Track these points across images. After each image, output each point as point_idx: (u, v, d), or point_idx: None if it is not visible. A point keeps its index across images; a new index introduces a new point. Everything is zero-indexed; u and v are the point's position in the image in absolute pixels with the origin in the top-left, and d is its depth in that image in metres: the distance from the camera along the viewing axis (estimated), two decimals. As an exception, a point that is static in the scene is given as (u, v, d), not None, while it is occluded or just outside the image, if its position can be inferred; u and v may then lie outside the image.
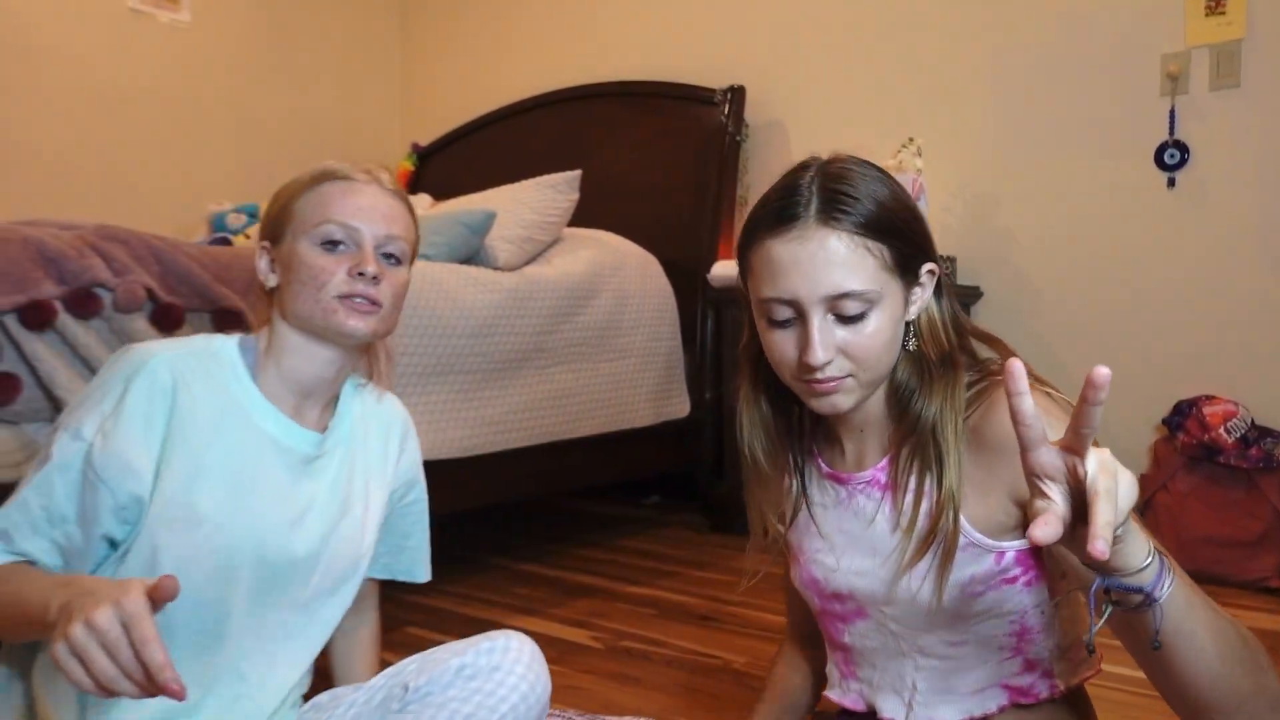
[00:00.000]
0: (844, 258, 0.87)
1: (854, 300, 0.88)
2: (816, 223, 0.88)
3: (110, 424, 0.95)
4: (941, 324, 0.95)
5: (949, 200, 2.79)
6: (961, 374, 0.93)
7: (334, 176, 1.04)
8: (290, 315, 1.03)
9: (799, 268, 0.88)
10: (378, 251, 1.03)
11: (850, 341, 0.89)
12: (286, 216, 1.04)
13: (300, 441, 1.05)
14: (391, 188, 1.07)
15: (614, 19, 3.52)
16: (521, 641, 1.09)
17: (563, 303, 2.41)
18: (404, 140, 4.06)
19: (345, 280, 1.00)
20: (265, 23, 3.64)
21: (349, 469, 1.10)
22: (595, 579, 2.33)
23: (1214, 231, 2.42)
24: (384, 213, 1.04)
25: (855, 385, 0.92)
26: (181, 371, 0.99)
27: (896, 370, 0.95)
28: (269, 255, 1.06)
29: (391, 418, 1.18)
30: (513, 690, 1.04)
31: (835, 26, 3.01)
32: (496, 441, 2.20)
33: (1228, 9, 2.39)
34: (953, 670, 0.96)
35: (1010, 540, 0.91)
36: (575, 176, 2.73)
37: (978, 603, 0.92)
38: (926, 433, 0.92)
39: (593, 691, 1.62)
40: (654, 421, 2.67)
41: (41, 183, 3.02)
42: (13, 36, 2.97)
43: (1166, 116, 2.47)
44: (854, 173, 0.91)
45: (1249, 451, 2.22)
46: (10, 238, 1.48)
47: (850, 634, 1.03)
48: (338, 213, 1.02)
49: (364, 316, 1.02)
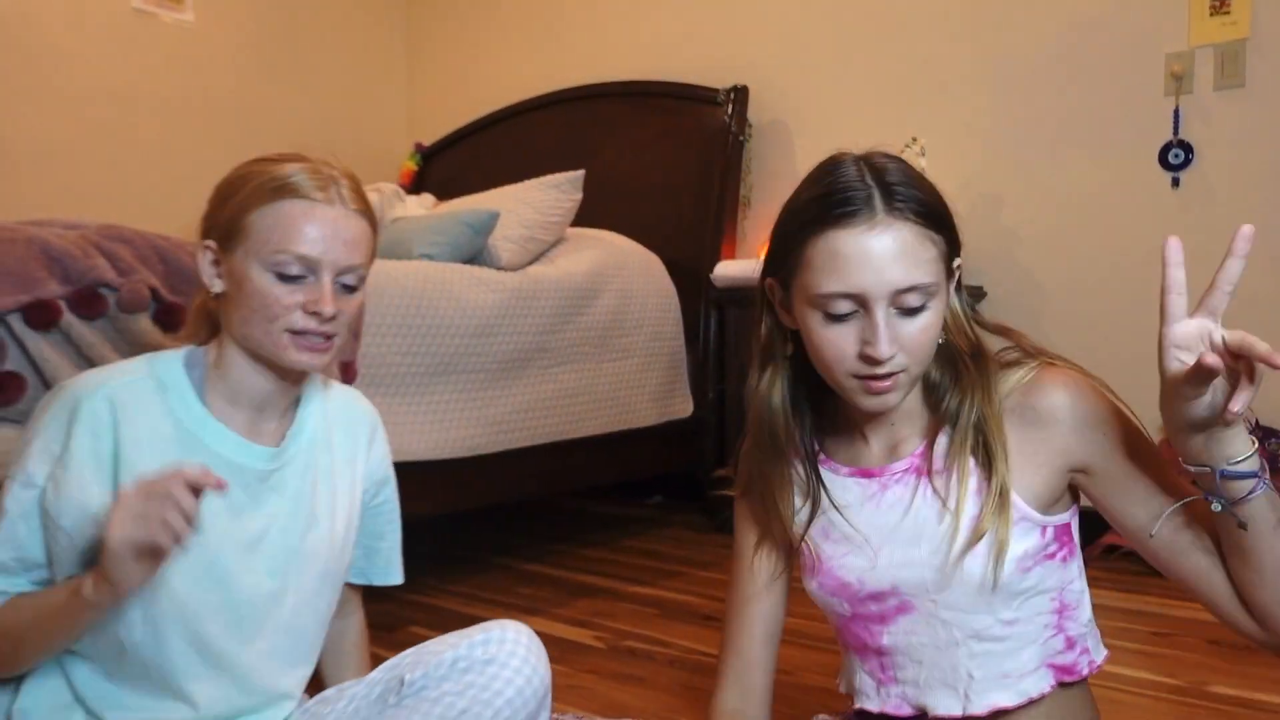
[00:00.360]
0: (914, 249, 0.87)
1: (918, 293, 0.88)
2: (885, 214, 0.87)
3: (60, 469, 0.93)
4: (965, 317, 0.97)
5: (952, 200, 2.74)
6: (991, 363, 0.95)
7: (293, 194, 0.95)
8: (237, 335, 0.99)
9: (869, 260, 0.86)
10: (336, 282, 0.97)
11: (909, 337, 0.89)
12: (239, 229, 0.97)
13: (254, 459, 1.01)
14: (355, 206, 0.99)
15: (617, 19, 3.52)
16: (518, 631, 1.06)
17: (566, 302, 2.41)
18: (408, 140, 4.06)
19: (301, 317, 0.95)
20: (269, 22, 3.65)
21: (313, 478, 1.07)
22: (598, 579, 2.33)
23: (1218, 232, 2.40)
24: (346, 240, 0.97)
25: (907, 380, 0.92)
26: (122, 402, 0.96)
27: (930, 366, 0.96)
28: (214, 257, 0.99)
29: (357, 416, 1.15)
30: (508, 684, 1.02)
31: (839, 26, 3.01)
32: (499, 441, 2.20)
33: (1232, 9, 2.38)
34: (1007, 652, 0.96)
35: (1055, 515, 0.95)
36: (578, 176, 2.73)
37: (1027, 578, 0.94)
38: (967, 423, 0.94)
39: (595, 691, 1.62)
40: (657, 421, 2.67)
41: (46, 182, 3.02)
42: (17, 36, 2.98)
43: (1171, 116, 2.46)
44: (899, 166, 0.92)
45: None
46: (15, 237, 1.48)
47: (890, 634, 1.00)
48: (296, 243, 0.94)
49: (317, 354, 0.98)
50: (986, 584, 0.93)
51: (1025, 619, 0.96)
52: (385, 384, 1.96)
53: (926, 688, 0.99)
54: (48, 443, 0.95)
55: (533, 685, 1.04)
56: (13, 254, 1.46)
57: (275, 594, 1.02)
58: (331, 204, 0.97)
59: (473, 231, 2.37)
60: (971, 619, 0.96)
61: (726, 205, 2.98)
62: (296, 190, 0.96)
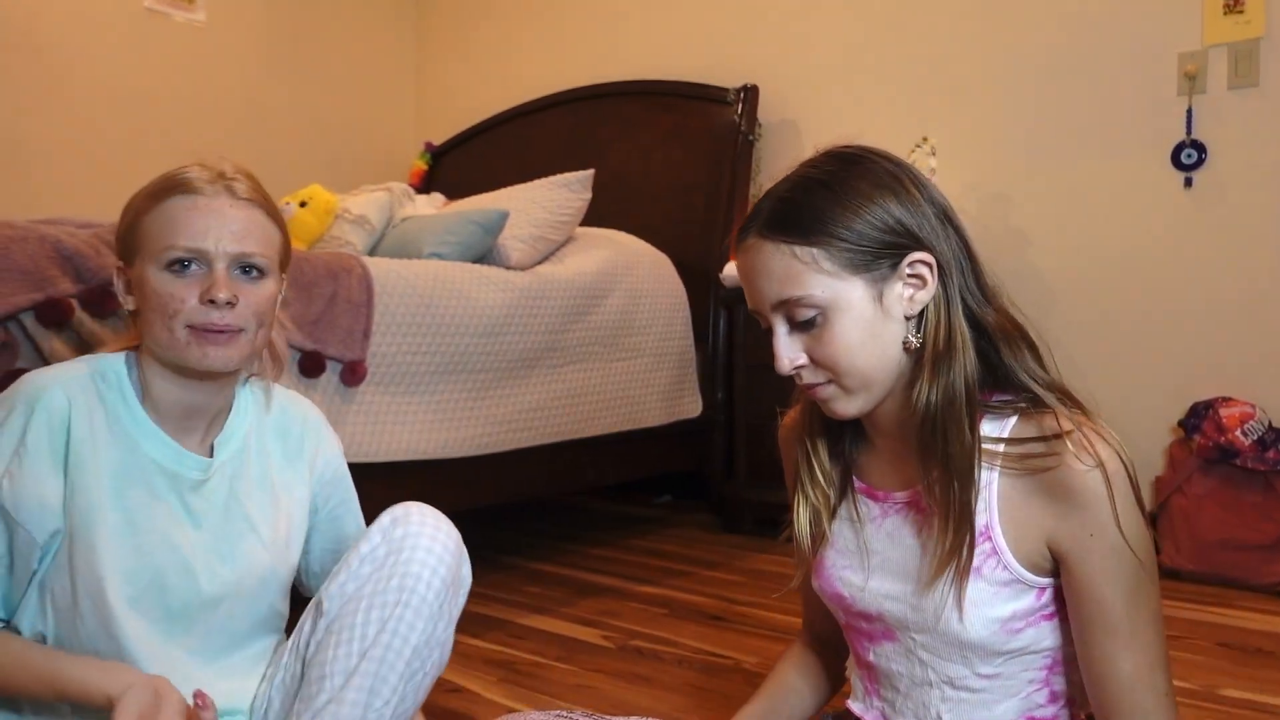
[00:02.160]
0: (776, 269, 0.88)
1: (798, 307, 0.87)
2: (756, 234, 0.90)
3: (16, 464, 0.94)
4: (952, 316, 0.89)
5: (963, 200, 2.78)
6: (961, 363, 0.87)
7: (178, 189, 0.96)
8: (149, 345, 0.99)
9: (746, 279, 0.92)
10: (232, 268, 0.96)
11: (815, 349, 0.89)
12: (134, 238, 0.97)
13: (187, 467, 1.02)
14: (245, 195, 0.98)
15: (627, 18, 3.52)
16: (417, 508, 1.06)
17: (575, 302, 2.41)
18: (418, 139, 4.07)
19: (197, 309, 0.94)
20: (280, 22, 3.66)
21: (245, 485, 1.07)
22: (606, 578, 2.33)
23: (1231, 232, 2.40)
24: (235, 230, 0.96)
25: (841, 391, 0.90)
26: (75, 396, 0.97)
27: (916, 371, 0.90)
28: (125, 277, 1.00)
29: (290, 421, 1.14)
30: (414, 549, 1.02)
31: (849, 26, 3.00)
32: (508, 440, 2.20)
33: (1246, 8, 2.37)
34: (981, 703, 0.94)
35: (1049, 578, 0.90)
36: (588, 176, 2.73)
37: (1017, 639, 0.90)
38: (937, 434, 0.87)
39: (603, 691, 1.62)
40: (666, 421, 2.67)
41: (58, 181, 3.04)
42: (28, 36, 3.00)
43: (1183, 116, 2.45)
44: (806, 176, 0.91)
45: (1266, 454, 2.20)
46: (27, 236, 1.49)
47: (875, 654, 1.00)
48: (183, 236, 0.94)
49: (222, 347, 0.96)
50: (966, 638, 0.90)
51: (1009, 674, 0.92)
52: (394, 383, 1.97)
53: (900, 714, 0.99)
54: (1, 441, 0.95)
55: (440, 542, 1.03)
56: (25, 252, 1.46)
57: (210, 599, 1.04)
58: (218, 195, 0.97)
59: (482, 231, 2.38)
60: (947, 666, 0.94)
61: (736, 205, 2.98)
62: (181, 186, 0.96)
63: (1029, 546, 0.88)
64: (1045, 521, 0.87)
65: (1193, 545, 2.24)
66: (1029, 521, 0.88)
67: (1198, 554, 2.23)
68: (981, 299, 0.91)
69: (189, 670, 1.03)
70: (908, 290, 0.89)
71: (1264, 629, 1.92)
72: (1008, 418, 0.90)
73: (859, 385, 0.90)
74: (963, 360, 0.88)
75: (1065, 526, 0.86)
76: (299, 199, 2.53)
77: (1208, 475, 2.27)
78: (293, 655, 1.08)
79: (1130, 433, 2.84)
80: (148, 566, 1.00)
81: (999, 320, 0.92)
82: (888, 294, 0.88)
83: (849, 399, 0.91)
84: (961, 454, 0.87)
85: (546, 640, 1.88)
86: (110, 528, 0.98)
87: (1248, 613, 2.02)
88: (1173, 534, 2.28)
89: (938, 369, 0.88)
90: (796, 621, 1.22)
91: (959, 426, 0.87)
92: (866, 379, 0.89)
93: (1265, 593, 2.16)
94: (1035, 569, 0.89)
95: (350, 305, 1.88)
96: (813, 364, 0.90)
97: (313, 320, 1.80)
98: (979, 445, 0.88)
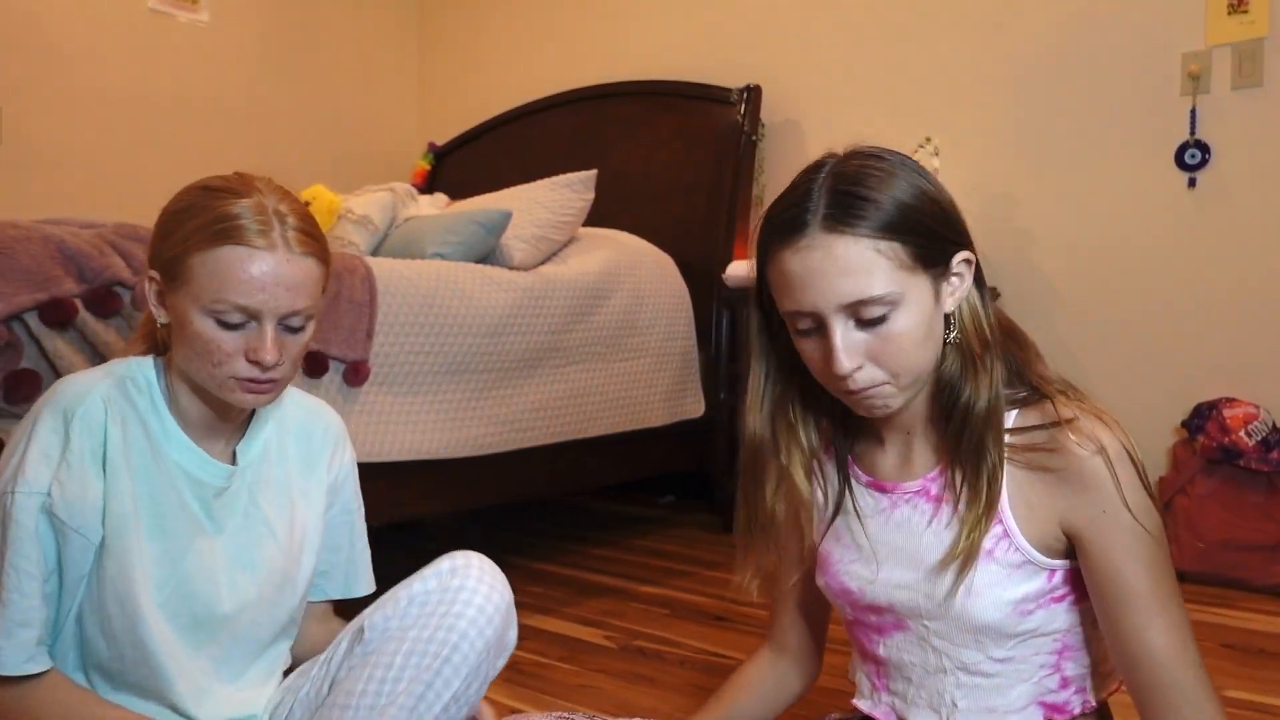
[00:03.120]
0: (855, 264, 0.85)
1: (873, 305, 0.85)
2: (823, 230, 0.86)
3: (63, 470, 0.94)
4: (985, 314, 0.92)
5: (966, 200, 2.74)
6: (998, 365, 0.91)
7: (233, 239, 0.92)
8: (181, 368, 1.00)
9: (811, 278, 0.86)
10: (280, 326, 0.96)
11: (877, 347, 0.87)
12: (180, 270, 0.94)
13: (211, 474, 1.03)
14: (299, 249, 0.95)
15: (630, 19, 3.52)
16: (468, 557, 1.07)
17: (578, 302, 2.41)
18: (421, 139, 4.07)
19: (244, 365, 0.95)
20: (283, 23, 3.66)
21: (264, 490, 1.08)
22: (609, 578, 2.33)
23: (1235, 232, 2.40)
24: (288, 286, 0.94)
25: (894, 390, 0.89)
26: (111, 403, 0.98)
27: (943, 365, 0.92)
28: (159, 289, 0.98)
29: (317, 427, 1.14)
30: (467, 605, 1.03)
31: (852, 26, 3.00)
32: (511, 440, 2.21)
33: (1250, 7, 2.36)
34: (995, 688, 0.95)
35: (1065, 559, 0.92)
36: (590, 176, 2.73)
37: (1027, 620, 0.92)
38: (975, 434, 0.89)
39: (605, 691, 1.62)
40: (669, 421, 2.67)
41: (61, 182, 3.04)
42: (32, 36, 3.00)
43: (1187, 116, 2.44)
44: (867, 169, 0.88)
45: (1269, 455, 2.20)
46: (31, 236, 1.49)
47: (885, 647, 1.01)
48: (235, 292, 0.92)
49: (261, 395, 0.98)
50: (981, 622, 0.91)
51: (1021, 658, 0.94)
52: (397, 383, 1.97)
53: (912, 705, 1.00)
54: (45, 448, 0.95)
55: (494, 603, 1.04)
56: (29, 253, 1.47)
57: (233, 608, 1.05)
58: (274, 249, 0.94)
59: (485, 231, 2.38)
60: (961, 652, 0.95)
61: (739, 205, 2.98)
62: (237, 236, 0.93)
63: (1040, 529, 0.90)
64: (1056, 504, 0.89)
65: (1195, 546, 2.24)
66: (1039, 504, 0.90)
67: (1201, 555, 2.23)
68: (988, 299, 0.94)
69: (211, 682, 1.04)
70: (951, 285, 0.91)
71: (1267, 630, 1.91)
72: (1011, 410, 0.93)
73: (912, 381, 0.90)
74: (995, 358, 0.91)
75: (1076, 508, 0.88)
76: (302, 199, 2.52)
77: (1211, 476, 2.26)
78: (322, 671, 1.08)
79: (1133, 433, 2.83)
80: (175, 573, 1.00)
81: (1003, 319, 0.95)
82: (943, 290, 0.90)
83: (899, 396, 0.91)
84: (997, 452, 0.89)
85: (549, 640, 1.88)
86: (142, 533, 0.98)
87: (1251, 614, 2.02)
88: (1176, 535, 2.28)
89: (980, 367, 0.90)
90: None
91: (998, 425, 0.90)
92: (919, 375, 0.90)
93: (1268, 593, 2.15)
94: (1047, 550, 0.91)
95: (353, 305, 1.88)
96: (871, 364, 0.88)
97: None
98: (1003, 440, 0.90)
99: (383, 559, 1.28)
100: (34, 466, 0.94)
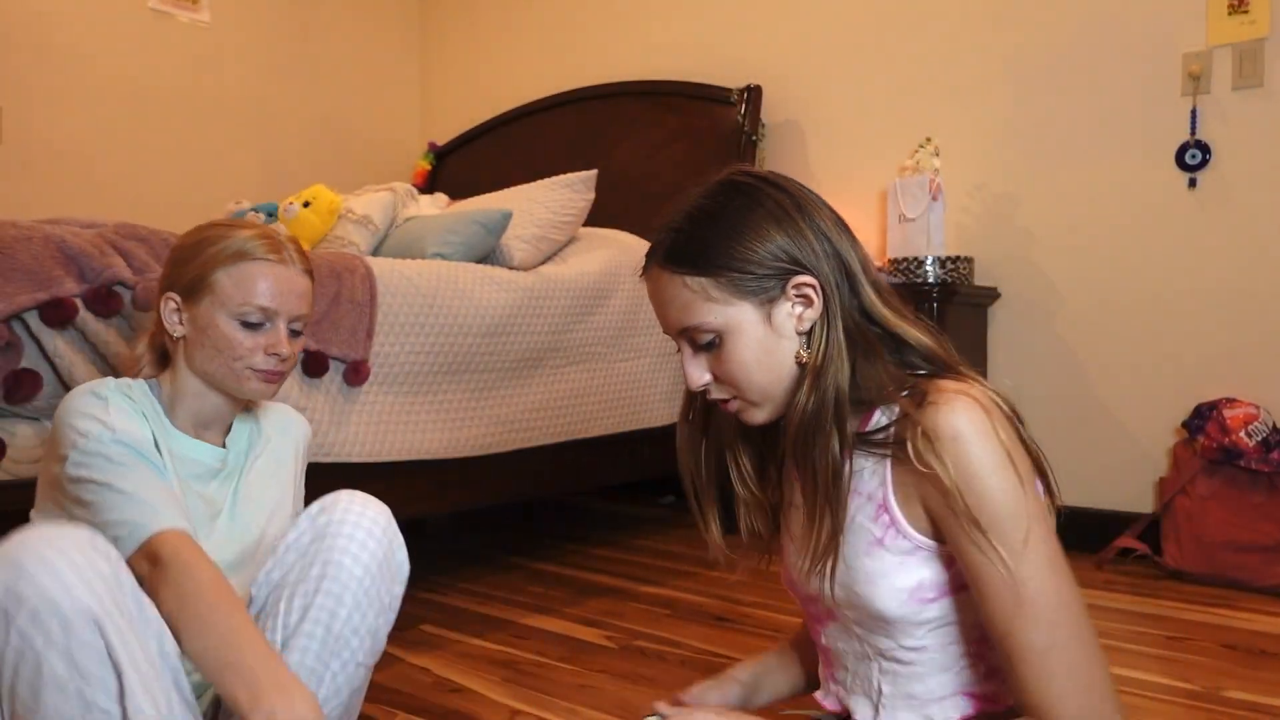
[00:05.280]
0: (673, 297, 0.94)
1: (697, 333, 0.93)
2: (655, 264, 0.96)
3: (114, 416, 1.08)
4: (826, 333, 0.92)
5: (966, 200, 2.77)
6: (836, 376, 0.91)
7: (253, 256, 1.15)
8: (197, 369, 1.17)
9: (654, 306, 0.98)
10: (288, 328, 1.17)
11: (716, 368, 0.95)
12: (205, 285, 1.15)
13: (209, 456, 1.19)
14: (301, 266, 1.19)
15: (631, 19, 3.52)
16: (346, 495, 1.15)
17: (578, 302, 2.41)
18: (422, 139, 4.07)
19: (262, 358, 1.15)
20: (284, 22, 3.67)
21: (250, 473, 1.22)
22: (610, 578, 2.33)
23: (1235, 233, 2.40)
24: (298, 294, 1.18)
25: (745, 405, 0.96)
26: (124, 392, 1.14)
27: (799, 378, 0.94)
28: (178, 308, 1.17)
29: (290, 426, 1.31)
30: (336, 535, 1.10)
31: (852, 26, 3.00)
32: (511, 440, 2.20)
33: (1251, 8, 2.36)
34: (914, 675, 0.96)
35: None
36: (591, 176, 2.73)
37: (929, 609, 0.92)
38: (800, 438, 0.92)
39: (606, 691, 1.62)
40: (669, 421, 2.66)
41: (62, 181, 3.04)
42: (34, 36, 3.00)
43: (1188, 116, 2.44)
44: (698, 207, 0.95)
45: (1270, 455, 2.20)
46: (32, 236, 1.49)
47: (826, 636, 1.04)
48: (259, 296, 1.14)
49: (271, 385, 1.18)
50: (883, 610, 0.93)
51: (935, 647, 0.94)
52: (398, 383, 1.97)
53: (851, 693, 1.02)
54: (87, 411, 1.07)
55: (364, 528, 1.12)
56: (29, 252, 1.47)
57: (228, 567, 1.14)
58: (286, 264, 1.17)
59: (485, 231, 2.38)
60: (877, 640, 0.97)
61: (739, 205, 2.97)
62: (256, 254, 1.16)
63: (920, 514, 0.91)
64: (922, 491, 0.90)
65: (1196, 546, 2.24)
66: (920, 493, 0.90)
67: (1201, 555, 2.23)
68: (860, 315, 0.93)
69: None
70: (796, 308, 0.93)
71: (1268, 630, 1.91)
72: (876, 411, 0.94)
73: (761, 398, 0.95)
74: (835, 372, 0.92)
75: (929, 495, 0.89)
76: (303, 199, 2.53)
77: (1212, 476, 2.26)
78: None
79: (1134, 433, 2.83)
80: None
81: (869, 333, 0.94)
82: (776, 314, 0.93)
83: (756, 410, 0.96)
84: (824, 456, 0.91)
85: (549, 640, 1.88)
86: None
87: (1251, 614, 2.02)
88: (1176, 535, 2.28)
89: (815, 381, 0.92)
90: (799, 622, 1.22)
91: (825, 432, 0.91)
92: (766, 392, 0.94)
93: (1269, 594, 2.15)
94: (936, 535, 0.91)
95: (353, 305, 1.88)
96: (717, 381, 0.96)
97: (316, 320, 1.80)
98: (848, 448, 0.92)
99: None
100: (85, 423, 1.06)
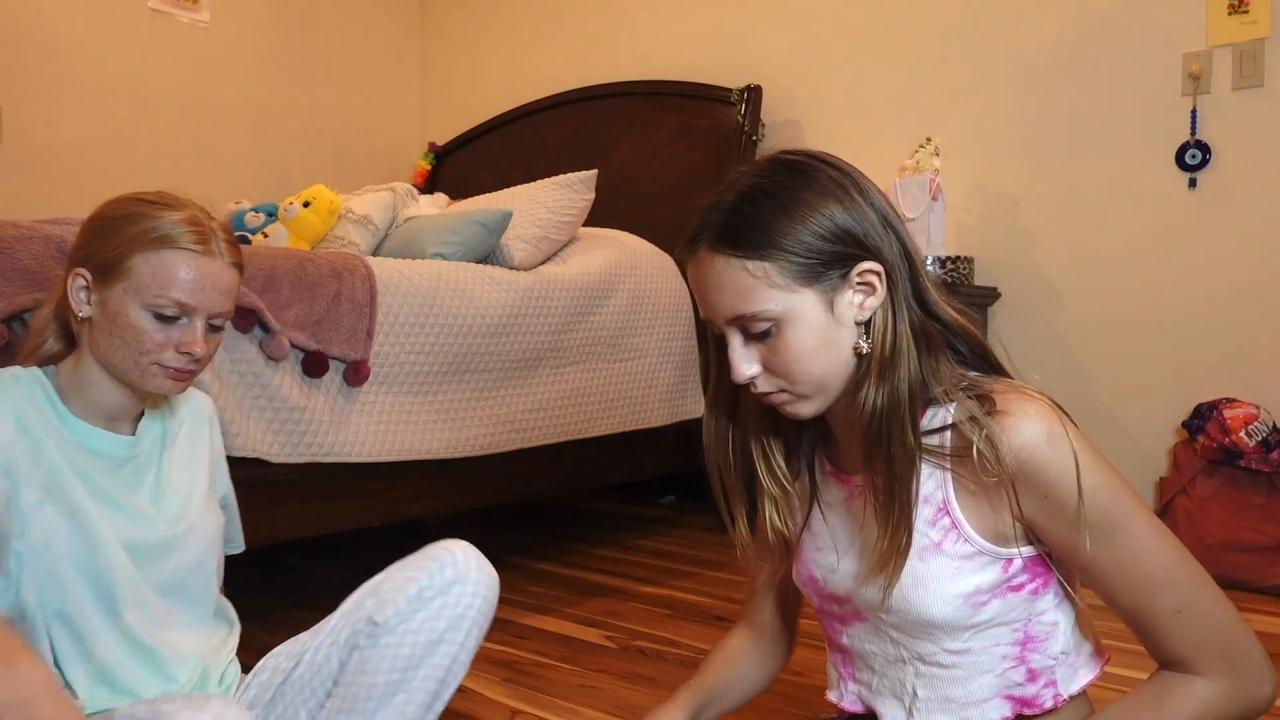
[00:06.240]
0: (730, 283, 0.88)
1: (753, 321, 0.88)
2: (707, 249, 0.90)
3: None
4: (893, 322, 0.89)
5: (967, 200, 2.77)
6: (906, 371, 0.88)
7: (177, 244, 1.04)
8: (100, 356, 1.06)
9: (702, 292, 0.91)
10: (207, 324, 1.07)
11: (768, 358, 0.90)
12: (121, 269, 1.03)
13: (113, 445, 1.10)
14: (229, 259, 1.08)
15: (631, 19, 3.52)
16: (465, 550, 1.14)
17: (578, 302, 2.41)
18: (422, 139, 4.07)
19: (172, 355, 1.05)
20: (284, 23, 3.67)
21: (168, 457, 1.15)
22: (610, 578, 2.33)
23: (1235, 233, 2.40)
24: (222, 290, 1.07)
25: (793, 398, 0.91)
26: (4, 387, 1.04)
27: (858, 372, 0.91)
28: (88, 286, 1.06)
29: (199, 405, 1.24)
30: (474, 596, 1.11)
31: (852, 26, 3.00)
32: (512, 440, 2.20)
33: (1251, 8, 2.36)
34: (954, 680, 0.94)
35: (1021, 546, 0.90)
36: (591, 176, 2.73)
37: (981, 612, 0.90)
38: (874, 436, 0.89)
39: (606, 691, 1.62)
40: (669, 421, 2.66)
41: (62, 181, 3.04)
42: (34, 36, 3.00)
43: (1188, 116, 2.44)
44: (755, 187, 0.89)
45: (1270, 455, 2.20)
46: (32, 235, 1.49)
47: (849, 636, 1.02)
48: (177, 290, 1.03)
49: (179, 383, 1.07)
50: (928, 615, 0.90)
51: (979, 649, 0.92)
52: (398, 383, 1.97)
53: (877, 694, 1.00)
54: None
55: (486, 589, 1.13)
56: (29, 252, 1.47)
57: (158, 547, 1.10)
58: (212, 256, 1.06)
59: (485, 231, 2.38)
60: (916, 643, 0.95)
61: (739, 205, 2.97)
62: (180, 241, 1.04)
63: (988, 520, 0.89)
64: (1001, 500, 0.88)
65: (1196, 547, 2.24)
66: (984, 497, 0.89)
67: (1201, 556, 2.22)
68: (919, 306, 0.91)
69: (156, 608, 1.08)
70: (858, 297, 0.90)
71: (1268, 631, 1.91)
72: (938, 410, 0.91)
73: (813, 390, 0.91)
74: (906, 366, 0.89)
75: (1025, 503, 0.87)
76: (303, 199, 2.53)
77: (1212, 477, 2.26)
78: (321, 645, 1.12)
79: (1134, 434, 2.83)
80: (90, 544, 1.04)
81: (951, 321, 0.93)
82: (839, 302, 0.89)
83: (804, 403, 0.92)
84: (903, 456, 0.88)
85: (550, 640, 1.88)
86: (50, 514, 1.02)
87: (1252, 615, 2.02)
88: (1176, 536, 2.28)
89: (883, 374, 0.88)
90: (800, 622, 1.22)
91: (902, 430, 0.88)
92: (820, 384, 0.91)
93: (1270, 594, 2.15)
94: (1000, 539, 0.89)
95: (354, 305, 1.88)
96: (767, 373, 0.91)
97: (316, 320, 1.80)
98: (920, 447, 0.89)
99: (383, 558, 1.28)
100: None
